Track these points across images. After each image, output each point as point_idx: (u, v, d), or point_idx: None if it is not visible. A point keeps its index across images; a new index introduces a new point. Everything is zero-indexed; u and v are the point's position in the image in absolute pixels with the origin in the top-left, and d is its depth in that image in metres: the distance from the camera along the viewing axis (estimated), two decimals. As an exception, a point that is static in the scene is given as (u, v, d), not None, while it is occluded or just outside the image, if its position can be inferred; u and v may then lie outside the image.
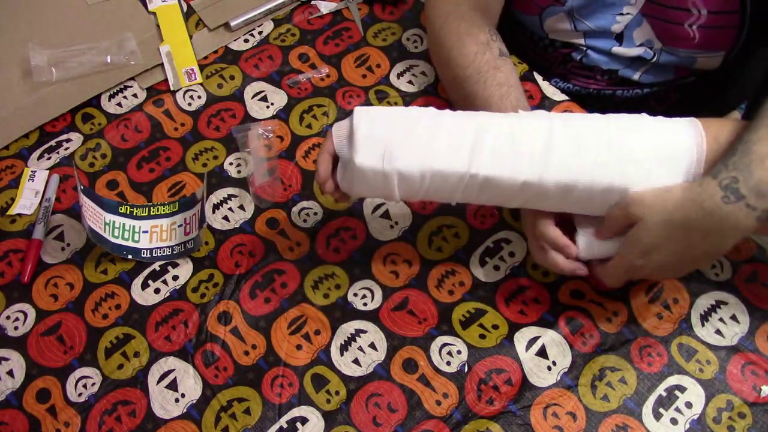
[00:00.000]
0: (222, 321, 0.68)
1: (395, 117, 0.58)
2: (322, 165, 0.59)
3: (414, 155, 0.56)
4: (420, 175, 0.57)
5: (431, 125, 0.57)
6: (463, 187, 0.58)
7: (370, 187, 0.59)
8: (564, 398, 0.62)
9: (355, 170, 0.57)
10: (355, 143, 0.56)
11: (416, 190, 0.58)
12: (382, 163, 0.56)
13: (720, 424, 0.60)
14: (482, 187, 0.58)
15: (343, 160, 0.59)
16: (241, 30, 0.89)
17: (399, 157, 0.56)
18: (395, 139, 0.56)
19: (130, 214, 0.73)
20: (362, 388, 0.64)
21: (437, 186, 0.58)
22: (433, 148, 0.56)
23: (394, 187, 0.58)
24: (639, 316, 0.65)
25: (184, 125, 0.81)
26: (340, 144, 0.58)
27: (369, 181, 0.58)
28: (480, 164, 0.56)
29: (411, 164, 0.56)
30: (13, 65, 0.85)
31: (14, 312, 0.69)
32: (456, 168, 0.56)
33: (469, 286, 0.69)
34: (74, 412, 0.64)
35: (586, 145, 0.56)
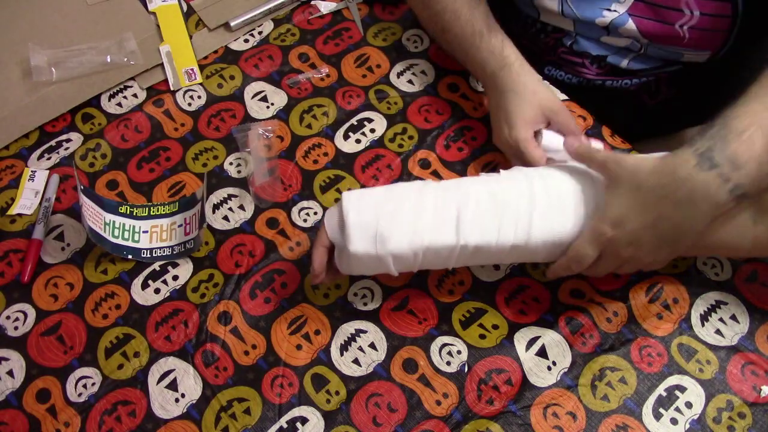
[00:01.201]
0: (222, 321, 0.68)
1: (381, 200, 0.60)
2: (317, 259, 0.61)
3: (404, 236, 0.58)
4: (413, 253, 0.59)
5: (416, 203, 0.59)
6: (455, 256, 0.60)
7: (367, 267, 0.61)
8: (564, 398, 0.62)
9: (351, 256, 0.59)
10: (347, 232, 0.58)
11: (411, 264, 0.61)
12: (375, 247, 0.58)
13: (720, 424, 0.60)
14: (474, 254, 0.60)
15: (339, 247, 0.61)
16: (241, 30, 0.89)
17: (390, 240, 0.58)
18: (384, 224, 0.58)
19: (130, 214, 0.72)
20: (362, 388, 0.64)
21: (431, 259, 0.60)
22: (420, 227, 0.58)
23: (390, 265, 0.60)
24: (639, 316, 0.65)
25: (184, 125, 0.81)
26: (333, 233, 0.60)
27: (365, 263, 0.60)
28: (467, 236, 0.58)
29: (402, 245, 0.58)
30: (13, 65, 0.85)
31: (14, 312, 0.69)
32: (445, 242, 0.59)
33: (469, 285, 0.69)
34: (74, 412, 0.64)
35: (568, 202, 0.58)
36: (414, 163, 0.76)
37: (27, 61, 0.83)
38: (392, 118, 0.80)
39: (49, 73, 0.82)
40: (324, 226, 0.61)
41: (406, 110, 0.80)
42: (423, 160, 0.77)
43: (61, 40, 0.86)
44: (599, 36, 0.78)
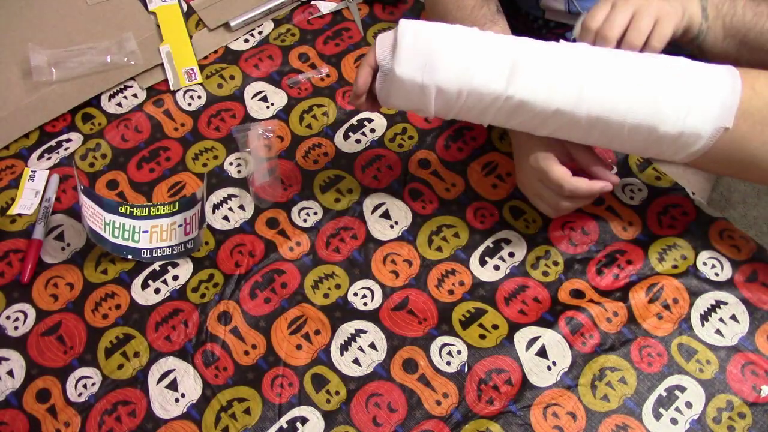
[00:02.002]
0: (222, 321, 0.68)
1: (440, 31, 0.59)
2: (362, 77, 0.60)
3: (454, 71, 0.57)
4: (457, 91, 0.58)
5: (474, 43, 0.58)
6: (497, 108, 0.59)
7: (407, 98, 0.60)
8: (564, 398, 0.62)
9: (395, 80, 0.58)
10: (398, 54, 0.57)
11: (451, 105, 0.60)
12: (422, 75, 0.57)
13: (720, 424, 0.60)
14: (515, 110, 0.59)
15: (384, 70, 0.59)
16: (241, 30, 0.89)
17: (439, 71, 0.57)
18: (437, 53, 0.57)
19: (130, 214, 0.73)
20: (362, 388, 0.64)
21: (472, 104, 0.59)
22: (473, 66, 0.57)
23: (431, 100, 0.59)
24: (639, 316, 0.65)
25: (184, 125, 0.81)
26: (383, 54, 0.59)
27: (407, 92, 0.59)
28: (517, 87, 0.57)
29: (450, 80, 0.57)
30: (13, 65, 0.85)
31: (14, 312, 0.69)
32: (493, 88, 0.58)
33: (469, 285, 0.69)
34: (74, 412, 0.64)
35: (623, 80, 0.57)
36: (414, 163, 0.76)
37: (27, 61, 0.83)
38: (392, 118, 0.80)
39: (49, 73, 0.82)
40: (375, 45, 0.60)
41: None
42: (423, 160, 0.77)
43: (61, 40, 0.86)
44: None
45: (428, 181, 0.75)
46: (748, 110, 0.56)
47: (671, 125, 0.57)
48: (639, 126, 0.57)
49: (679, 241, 0.69)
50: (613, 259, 0.69)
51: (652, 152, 0.61)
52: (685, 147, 0.58)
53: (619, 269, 0.68)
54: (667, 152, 0.60)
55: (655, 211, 0.71)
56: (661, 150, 0.60)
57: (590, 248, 0.70)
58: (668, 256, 0.68)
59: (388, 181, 0.75)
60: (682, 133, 0.57)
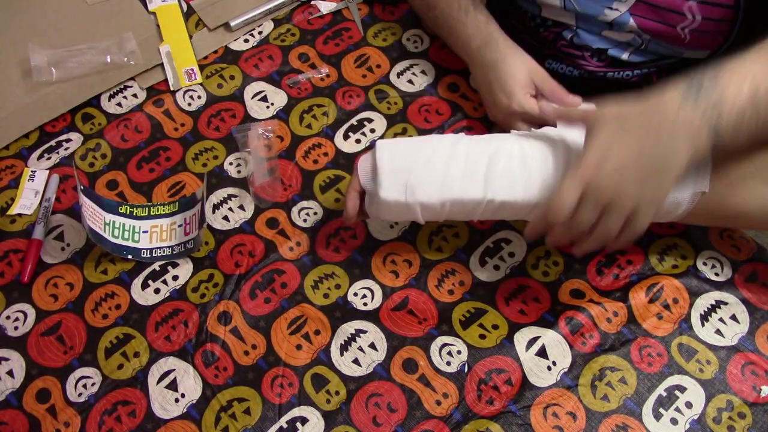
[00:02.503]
0: (222, 321, 0.68)
1: (414, 149, 0.62)
2: (350, 202, 0.64)
3: (433, 187, 0.60)
4: (440, 204, 0.61)
5: (447, 155, 0.61)
6: (481, 210, 0.62)
7: (395, 214, 0.64)
8: (564, 398, 0.62)
9: (381, 203, 0.62)
10: (379, 179, 0.61)
11: (438, 215, 0.63)
12: (404, 196, 0.61)
13: (720, 424, 0.60)
14: (500, 208, 0.62)
15: (370, 193, 0.63)
16: (241, 30, 0.89)
17: (419, 189, 0.60)
18: (415, 173, 0.60)
19: (130, 214, 0.73)
20: (362, 388, 0.64)
21: (457, 211, 0.62)
22: (450, 179, 0.60)
23: (417, 214, 0.62)
24: (639, 316, 0.65)
25: (184, 125, 0.81)
26: (366, 178, 0.63)
27: (394, 210, 0.62)
28: (495, 190, 0.60)
29: (431, 195, 0.61)
30: (13, 65, 0.85)
31: (14, 312, 0.69)
32: (472, 195, 0.61)
33: (469, 285, 0.69)
34: (74, 412, 0.64)
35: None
36: (414, 163, 0.76)
37: (27, 61, 0.83)
38: (392, 118, 0.80)
39: (49, 73, 0.82)
40: (357, 171, 0.63)
41: (406, 110, 0.80)
42: (423, 160, 0.77)
43: (61, 40, 0.86)
44: (601, 30, 0.79)
45: (428, 181, 0.75)
46: (722, 171, 0.57)
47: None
48: None
49: (679, 241, 0.69)
50: (613, 259, 0.69)
51: None
52: (668, 214, 0.61)
53: (619, 269, 0.68)
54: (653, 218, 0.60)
55: (655, 211, 0.71)
56: None
57: (590, 248, 0.70)
58: (668, 256, 0.68)
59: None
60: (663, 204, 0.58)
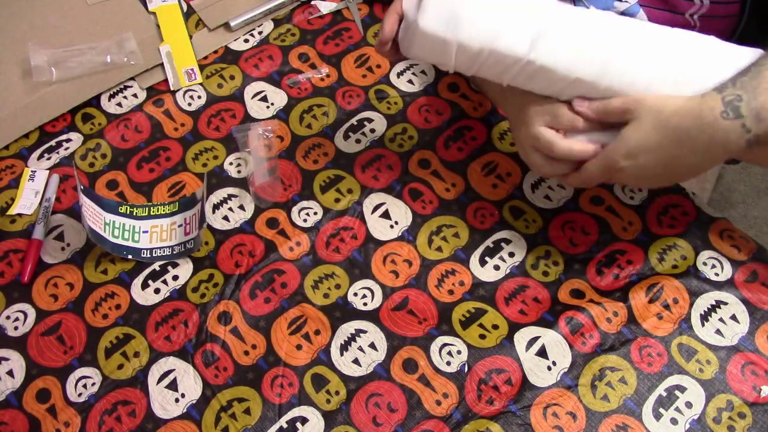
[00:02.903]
0: (222, 321, 0.68)
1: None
2: (388, 24, 0.60)
3: (477, 30, 0.57)
4: (479, 49, 0.57)
5: (501, 3, 0.58)
6: (517, 70, 0.58)
7: (428, 51, 0.59)
8: (564, 398, 0.62)
9: (418, 32, 0.57)
10: (423, 5, 0.57)
11: (472, 63, 0.59)
12: (445, 29, 0.56)
13: (720, 424, 0.60)
14: (535, 74, 0.58)
15: (408, 20, 0.59)
16: (241, 30, 0.89)
17: (463, 28, 0.56)
18: (462, 10, 0.56)
19: (130, 214, 0.73)
20: (362, 388, 0.64)
21: (492, 64, 0.58)
22: (497, 27, 0.57)
23: (451, 56, 0.58)
24: (639, 316, 0.65)
25: (184, 125, 0.81)
26: (409, 4, 0.58)
27: (428, 45, 0.58)
28: (539, 52, 0.57)
29: (472, 38, 0.57)
30: (13, 65, 0.85)
31: (14, 312, 0.69)
32: (515, 51, 0.57)
33: (469, 285, 0.69)
34: (74, 412, 0.64)
35: (647, 56, 0.57)
36: (414, 163, 0.76)
37: (27, 61, 0.83)
38: (392, 118, 0.80)
39: (49, 73, 0.82)
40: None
41: (406, 110, 0.80)
42: (423, 160, 0.77)
43: (61, 40, 0.86)
44: None
45: (428, 181, 0.75)
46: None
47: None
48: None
49: (679, 241, 0.69)
50: (613, 259, 0.69)
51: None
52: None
53: (619, 269, 0.68)
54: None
55: (655, 211, 0.71)
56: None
57: (590, 248, 0.70)
58: (668, 256, 0.68)
59: (388, 181, 0.75)
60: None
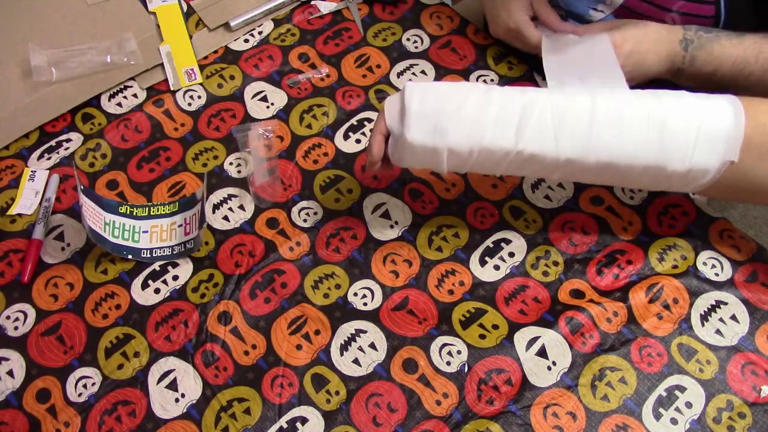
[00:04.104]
0: (222, 321, 0.68)
1: (445, 92, 0.60)
2: (375, 146, 0.62)
3: (464, 132, 0.59)
4: (468, 151, 0.59)
5: (480, 101, 0.59)
6: (508, 162, 0.60)
7: (419, 159, 0.61)
8: (564, 398, 0.62)
9: (406, 145, 0.59)
10: (407, 120, 0.59)
11: (463, 163, 0.61)
12: (432, 139, 0.59)
13: (720, 424, 0.60)
14: (527, 162, 0.60)
15: (395, 136, 0.61)
16: (241, 30, 0.89)
17: (449, 133, 0.58)
18: (445, 116, 0.58)
19: (130, 214, 0.73)
20: (362, 388, 0.64)
21: (484, 160, 0.61)
22: (481, 125, 0.59)
23: (443, 160, 0.60)
24: (639, 316, 0.65)
25: (184, 125, 0.81)
26: (392, 120, 0.60)
27: (419, 154, 0.60)
28: (525, 142, 0.58)
29: (460, 140, 0.59)
30: (13, 65, 0.85)
31: (14, 312, 0.69)
32: (503, 145, 0.59)
33: (469, 285, 0.69)
34: (74, 412, 0.64)
35: (628, 123, 0.58)
36: (414, 163, 0.76)
37: (27, 61, 0.83)
38: (392, 118, 0.80)
39: (49, 73, 0.82)
40: (384, 112, 0.61)
41: (406, 110, 0.80)
42: (423, 160, 0.77)
43: (61, 40, 0.86)
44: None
45: (428, 181, 0.75)
46: (753, 142, 0.57)
47: (679, 164, 0.58)
48: (648, 167, 0.59)
49: (679, 241, 0.69)
50: (613, 259, 0.69)
51: (663, 187, 0.62)
52: (693, 181, 0.60)
53: (619, 269, 0.68)
54: (677, 186, 0.61)
55: (655, 211, 0.71)
56: (670, 185, 0.61)
57: (590, 248, 0.70)
58: (668, 256, 0.68)
59: (388, 181, 0.75)
60: (690, 170, 0.58)
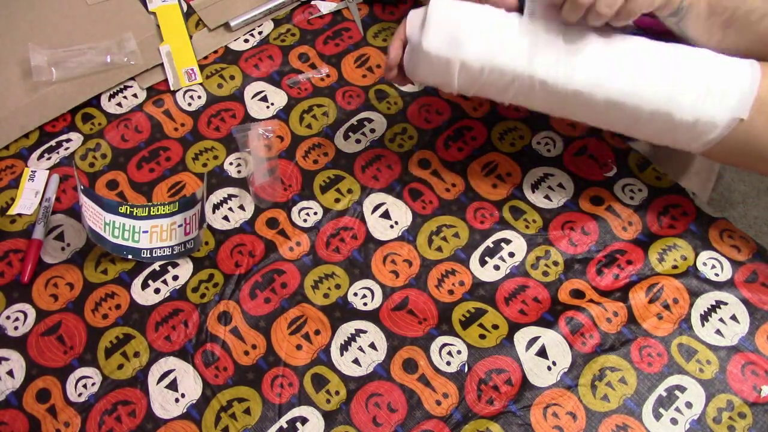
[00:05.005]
0: (222, 321, 0.68)
1: (467, 10, 0.61)
2: (393, 50, 0.63)
3: (477, 48, 0.59)
4: (480, 67, 0.60)
5: (499, 23, 0.60)
6: (517, 86, 0.61)
7: (432, 72, 0.62)
8: (564, 398, 0.62)
9: (422, 54, 0.60)
10: (426, 28, 0.59)
11: (474, 81, 0.61)
12: (447, 50, 0.59)
13: (720, 424, 0.60)
14: (535, 90, 0.61)
15: (412, 44, 0.62)
16: (241, 30, 0.89)
17: (463, 46, 0.59)
18: (462, 31, 0.59)
19: (130, 214, 0.73)
20: (362, 388, 0.64)
21: (494, 81, 0.61)
22: (495, 44, 0.59)
23: (454, 75, 0.61)
24: (639, 316, 0.65)
25: (184, 125, 0.81)
26: (412, 29, 0.61)
27: (432, 65, 0.61)
28: (537, 67, 0.59)
29: (473, 55, 0.59)
30: (13, 65, 0.85)
31: (14, 312, 0.69)
32: (514, 67, 0.59)
33: (469, 285, 0.69)
34: (74, 412, 0.64)
35: (642, 66, 0.58)
36: (414, 163, 0.76)
37: (27, 61, 0.83)
38: (392, 118, 0.80)
39: (49, 73, 0.82)
40: (406, 20, 0.62)
41: (406, 110, 0.80)
42: (423, 160, 0.77)
43: (61, 40, 0.86)
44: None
45: (428, 181, 0.75)
46: (765, 104, 0.56)
47: (687, 112, 0.58)
48: (656, 112, 0.58)
49: (679, 241, 0.69)
50: (613, 259, 0.69)
51: (668, 139, 0.62)
52: (700, 135, 0.59)
53: (619, 269, 0.68)
54: (683, 140, 0.61)
55: (655, 211, 0.71)
56: (676, 137, 0.61)
57: (590, 248, 0.70)
58: (668, 256, 0.68)
59: (388, 181, 0.75)
60: (698, 121, 0.58)
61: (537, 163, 0.75)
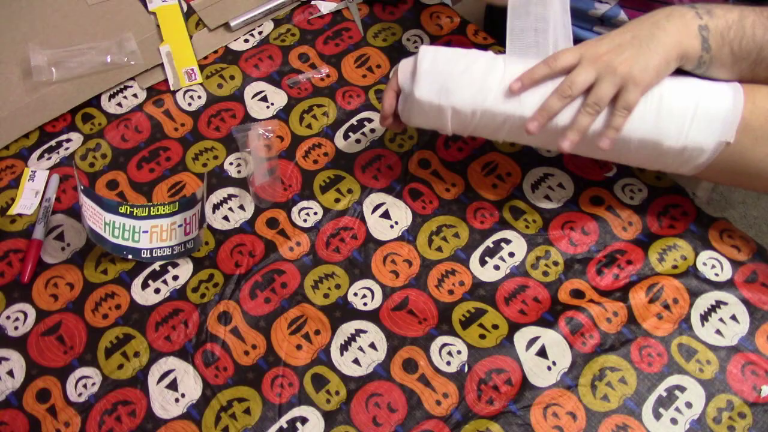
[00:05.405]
0: (222, 321, 0.68)
1: (455, 56, 0.63)
2: (387, 101, 0.66)
3: (468, 93, 0.62)
4: (471, 112, 0.62)
5: (486, 66, 0.62)
6: (509, 126, 0.63)
7: (426, 118, 0.65)
8: (564, 398, 0.62)
9: (414, 102, 0.63)
10: (417, 77, 0.62)
11: (467, 124, 0.64)
12: (438, 97, 0.62)
13: (720, 424, 0.60)
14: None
15: (405, 93, 0.65)
16: (241, 30, 0.89)
17: (454, 93, 0.62)
18: (452, 77, 0.62)
19: (130, 214, 0.73)
20: (362, 388, 0.64)
21: (486, 123, 0.63)
22: (485, 88, 0.61)
23: (447, 120, 0.63)
24: (639, 316, 0.65)
25: (184, 125, 0.81)
26: (404, 78, 0.64)
27: (426, 112, 0.64)
28: (526, 107, 0.60)
29: (464, 101, 0.62)
30: (13, 65, 0.85)
31: (14, 312, 0.69)
32: (504, 109, 0.61)
33: (469, 285, 0.69)
34: (74, 412, 0.64)
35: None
36: (414, 163, 0.76)
37: (27, 61, 0.83)
38: (392, 118, 0.80)
39: (49, 73, 0.82)
40: (397, 70, 0.65)
41: (406, 110, 0.80)
42: (423, 160, 0.77)
43: (61, 40, 0.86)
44: (592, 26, 0.79)
45: (428, 181, 0.75)
46: (750, 125, 0.57)
47: (674, 140, 0.59)
48: (644, 141, 0.60)
49: (679, 242, 0.69)
50: (613, 259, 0.69)
51: (658, 165, 0.63)
52: (689, 160, 0.61)
53: (619, 269, 0.68)
54: (672, 165, 0.62)
55: (655, 211, 0.71)
56: (666, 162, 0.62)
57: (590, 248, 0.70)
58: (668, 256, 0.68)
59: (388, 181, 0.75)
60: (686, 148, 0.59)
61: (537, 163, 0.75)
